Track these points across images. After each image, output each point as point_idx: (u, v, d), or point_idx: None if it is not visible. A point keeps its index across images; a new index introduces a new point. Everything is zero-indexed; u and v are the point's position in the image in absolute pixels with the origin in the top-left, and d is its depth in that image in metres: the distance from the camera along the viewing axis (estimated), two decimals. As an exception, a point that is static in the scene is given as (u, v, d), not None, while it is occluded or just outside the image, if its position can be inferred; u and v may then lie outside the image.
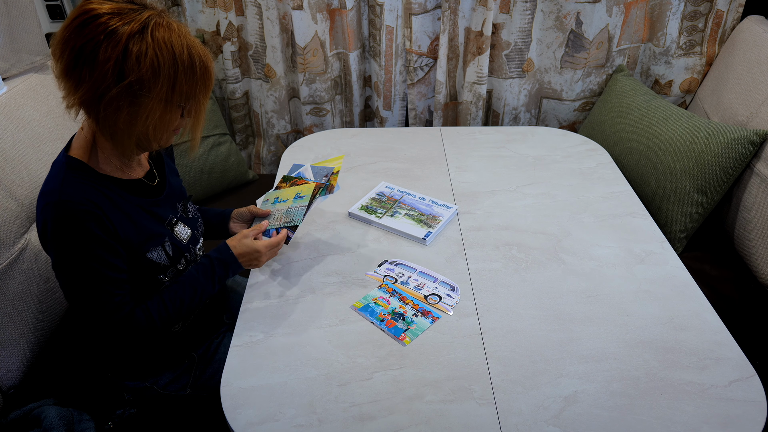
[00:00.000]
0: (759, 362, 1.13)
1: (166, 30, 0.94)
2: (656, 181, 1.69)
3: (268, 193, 1.41)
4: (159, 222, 1.13)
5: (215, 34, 2.08)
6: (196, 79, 0.97)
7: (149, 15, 0.94)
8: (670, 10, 1.92)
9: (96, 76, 0.92)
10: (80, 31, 0.91)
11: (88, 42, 0.91)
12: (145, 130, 0.98)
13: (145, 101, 0.94)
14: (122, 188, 1.07)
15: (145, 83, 0.93)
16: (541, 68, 2.07)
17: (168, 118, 0.99)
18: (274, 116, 2.21)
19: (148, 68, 0.92)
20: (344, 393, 1.03)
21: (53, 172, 1.03)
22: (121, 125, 0.96)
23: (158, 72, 0.93)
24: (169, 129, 1.02)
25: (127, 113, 0.95)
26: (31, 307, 1.29)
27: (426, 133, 1.87)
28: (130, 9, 0.93)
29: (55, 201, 0.97)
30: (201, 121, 1.05)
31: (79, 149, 1.04)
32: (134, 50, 0.91)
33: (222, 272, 1.17)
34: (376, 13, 1.98)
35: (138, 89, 0.93)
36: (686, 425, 0.97)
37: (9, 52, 1.55)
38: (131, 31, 0.91)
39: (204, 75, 0.99)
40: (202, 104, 1.02)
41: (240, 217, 1.38)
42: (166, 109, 0.97)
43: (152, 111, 0.96)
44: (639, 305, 1.21)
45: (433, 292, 1.25)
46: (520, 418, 0.99)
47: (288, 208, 1.30)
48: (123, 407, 1.22)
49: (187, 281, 1.14)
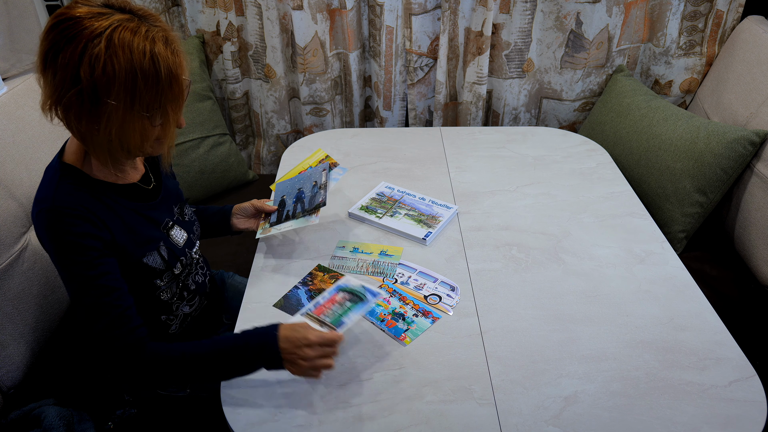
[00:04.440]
0: (759, 362, 1.13)
1: (129, 34, 0.88)
2: (656, 181, 1.69)
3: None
4: (155, 226, 1.11)
5: (215, 34, 2.08)
6: (160, 87, 0.91)
7: (118, 19, 0.89)
8: (670, 10, 1.92)
9: (57, 81, 0.89)
10: (48, 34, 0.89)
11: (53, 45, 0.88)
12: (108, 137, 0.93)
13: (104, 108, 0.90)
14: (117, 193, 1.05)
15: (100, 89, 0.88)
16: (541, 68, 2.07)
17: (132, 127, 0.93)
18: (274, 116, 2.21)
19: (101, 73, 0.87)
20: (344, 393, 1.03)
21: (46, 179, 1.01)
22: (84, 131, 0.93)
23: (113, 79, 0.88)
24: (146, 139, 0.96)
25: (87, 120, 0.91)
26: (31, 307, 1.29)
27: (426, 133, 1.87)
28: (99, 13, 0.89)
29: (48, 207, 0.96)
30: (171, 132, 0.99)
31: (73, 155, 1.02)
32: (88, 54, 0.87)
33: (253, 356, 0.99)
34: (376, 13, 1.98)
35: (94, 95, 0.89)
36: (686, 425, 0.97)
37: (9, 52, 1.55)
38: (90, 34, 0.87)
39: (171, 84, 0.92)
40: (170, 114, 0.95)
41: (243, 212, 1.37)
42: (127, 118, 0.92)
43: (111, 119, 0.91)
44: (639, 305, 1.21)
45: (433, 292, 1.25)
46: (520, 418, 0.99)
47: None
48: (123, 407, 1.22)
49: (213, 346, 1.01)
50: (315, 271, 1.31)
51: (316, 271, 1.31)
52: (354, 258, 1.34)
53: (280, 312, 1.20)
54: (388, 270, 1.30)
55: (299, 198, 1.26)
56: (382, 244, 1.38)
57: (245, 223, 1.37)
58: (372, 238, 1.41)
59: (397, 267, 1.31)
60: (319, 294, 1.23)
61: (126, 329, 1.00)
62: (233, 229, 1.37)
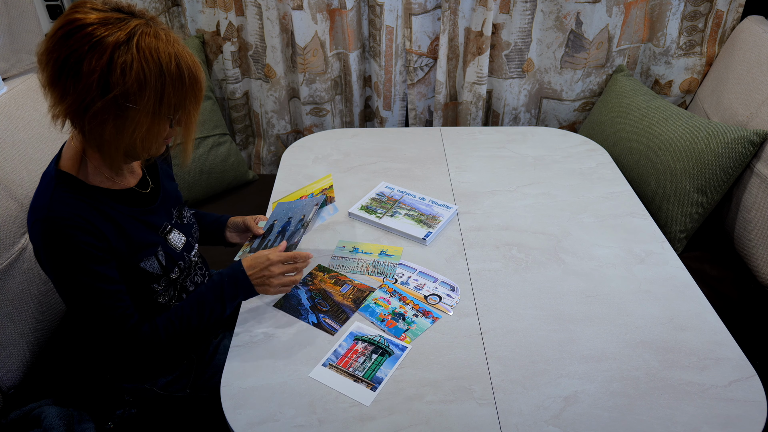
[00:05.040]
0: (759, 362, 1.13)
1: (153, 39, 0.90)
2: (656, 181, 1.69)
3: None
4: (153, 231, 1.11)
5: (215, 34, 2.08)
6: (185, 89, 0.94)
7: (136, 24, 0.90)
8: (670, 10, 1.92)
9: (80, 89, 0.88)
10: (65, 41, 0.88)
11: (72, 53, 0.87)
12: (132, 142, 0.94)
13: (132, 114, 0.91)
14: (113, 199, 1.05)
15: (131, 96, 0.89)
16: (541, 68, 2.07)
17: (156, 130, 0.95)
18: (274, 116, 2.21)
19: (134, 81, 0.88)
20: (344, 393, 1.03)
21: (42, 187, 1.00)
22: (107, 138, 0.93)
23: (144, 84, 0.89)
24: (159, 140, 0.98)
25: (113, 126, 0.92)
26: (31, 307, 1.29)
27: (426, 133, 1.87)
28: (116, 18, 0.89)
29: (43, 217, 0.95)
30: (192, 131, 1.01)
31: (69, 161, 1.01)
32: (119, 62, 0.87)
33: (231, 291, 1.12)
34: (376, 13, 1.98)
35: (124, 102, 0.89)
36: (686, 425, 0.97)
37: (9, 52, 1.55)
38: (116, 41, 0.87)
39: (193, 85, 0.95)
40: (192, 114, 0.98)
41: (235, 227, 1.36)
42: (154, 121, 0.93)
43: (139, 123, 0.92)
44: (639, 305, 1.21)
45: (433, 292, 1.25)
46: (520, 418, 0.99)
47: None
48: (123, 407, 1.22)
49: (194, 298, 1.12)
50: (315, 271, 1.31)
51: (316, 271, 1.31)
52: (354, 258, 1.34)
53: (280, 312, 1.20)
54: (388, 270, 1.30)
55: (283, 229, 1.24)
56: (382, 244, 1.38)
57: (237, 238, 1.37)
58: (372, 238, 1.41)
59: (397, 267, 1.31)
60: (319, 294, 1.23)
61: (127, 327, 1.05)
62: (227, 241, 1.38)
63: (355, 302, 1.22)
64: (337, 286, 1.26)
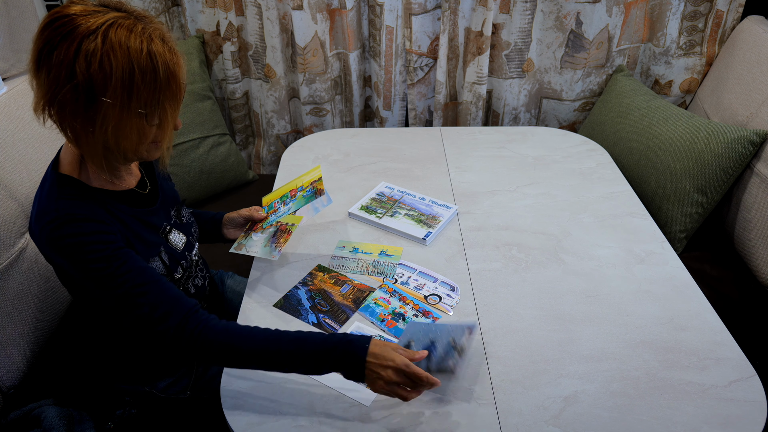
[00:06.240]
0: (759, 362, 1.13)
1: (125, 31, 0.88)
2: (656, 181, 1.69)
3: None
4: (154, 231, 1.10)
5: (215, 34, 2.08)
6: (158, 85, 0.90)
7: (114, 16, 0.89)
8: (670, 10, 1.92)
9: (51, 78, 0.88)
10: (42, 33, 0.88)
11: (46, 44, 0.88)
12: (105, 137, 0.91)
13: (100, 106, 0.89)
14: (117, 200, 1.04)
15: (96, 85, 0.87)
16: (541, 68, 2.07)
17: (129, 127, 0.92)
18: (274, 116, 2.21)
19: (97, 69, 0.86)
20: (344, 393, 1.03)
21: (44, 192, 0.99)
22: (80, 131, 0.92)
23: (110, 74, 0.87)
24: (143, 140, 0.95)
25: (82, 119, 0.90)
26: (31, 307, 1.29)
27: (426, 133, 1.87)
28: (94, 10, 0.89)
29: (52, 218, 0.94)
30: (168, 130, 0.97)
31: (68, 164, 1.00)
32: (84, 49, 0.86)
33: (337, 363, 0.96)
34: (376, 13, 1.98)
35: (88, 91, 0.87)
36: (686, 425, 0.97)
37: (9, 52, 1.56)
38: (87, 30, 0.86)
39: (169, 81, 0.92)
40: (168, 113, 0.94)
41: (232, 223, 1.36)
42: (123, 116, 0.90)
43: (107, 116, 0.89)
44: (639, 305, 1.21)
45: (433, 292, 1.25)
46: (520, 418, 0.99)
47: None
48: (123, 407, 1.22)
49: (292, 351, 0.97)
50: (315, 271, 1.31)
51: (316, 271, 1.31)
52: (354, 258, 1.34)
53: (281, 312, 1.20)
54: (388, 270, 1.30)
55: (430, 348, 1.03)
56: (382, 244, 1.38)
57: (235, 233, 1.36)
58: (372, 238, 1.41)
59: (397, 267, 1.31)
60: (319, 294, 1.23)
61: (188, 306, 0.98)
62: (225, 238, 1.37)
63: (355, 302, 1.22)
64: (337, 286, 1.26)
